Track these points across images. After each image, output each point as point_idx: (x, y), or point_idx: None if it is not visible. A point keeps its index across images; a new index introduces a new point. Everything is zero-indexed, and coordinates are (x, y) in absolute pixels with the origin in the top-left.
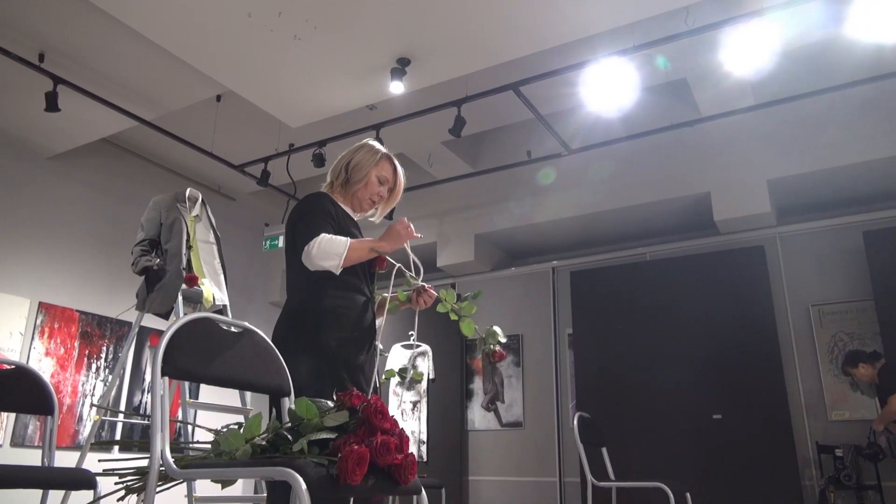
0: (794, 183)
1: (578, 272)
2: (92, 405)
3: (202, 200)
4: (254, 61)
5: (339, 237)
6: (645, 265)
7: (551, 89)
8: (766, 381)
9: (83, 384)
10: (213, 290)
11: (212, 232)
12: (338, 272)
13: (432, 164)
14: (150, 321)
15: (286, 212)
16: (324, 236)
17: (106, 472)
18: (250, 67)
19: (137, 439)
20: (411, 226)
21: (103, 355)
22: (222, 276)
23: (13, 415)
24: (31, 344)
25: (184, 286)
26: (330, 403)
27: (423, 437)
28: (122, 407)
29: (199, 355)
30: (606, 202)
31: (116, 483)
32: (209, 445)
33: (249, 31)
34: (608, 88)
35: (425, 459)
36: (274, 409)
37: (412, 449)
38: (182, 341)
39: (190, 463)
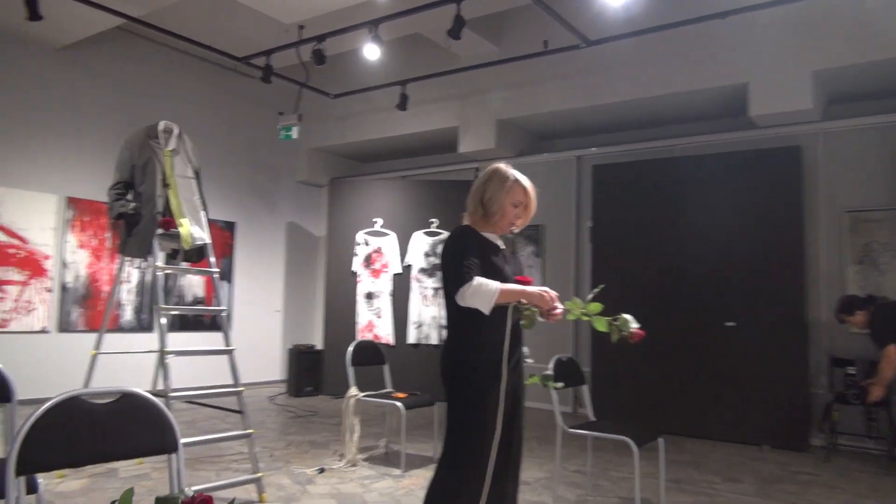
0: (841, 76)
1: (601, 165)
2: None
3: (178, 133)
4: None
5: (491, 283)
6: (672, 161)
7: None
8: (786, 289)
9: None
10: (193, 228)
11: (190, 166)
12: (487, 312)
13: (450, 44)
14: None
15: (298, 100)
16: (476, 281)
17: None
18: None
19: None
20: (557, 304)
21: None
22: (202, 213)
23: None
24: (63, 238)
25: (160, 230)
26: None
27: (444, 322)
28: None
29: (61, 443)
30: (635, 90)
31: None
32: None
33: None
34: None
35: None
36: None
37: (433, 333)
38: (40, 434)
39: None
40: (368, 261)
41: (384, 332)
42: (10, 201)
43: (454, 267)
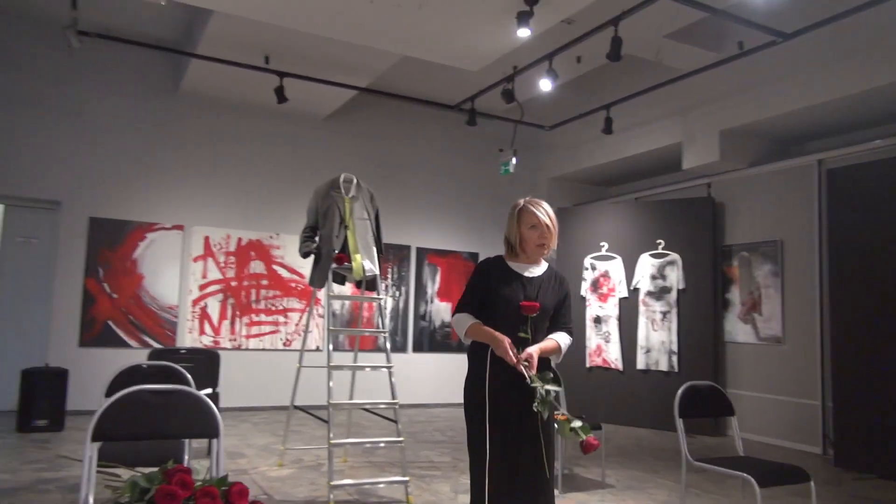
0: None
1: (838, 169)
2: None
3: (357, 182)
4: (416, 28)
5: (467, 320)
6: None
7: None
8: None
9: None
10: (365, 262)
11: (366, 210)
12: (466, 342)
13: (661, 59)
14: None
15: (513, 136)
16: (457, 316)
17: None
18: (416, 34)
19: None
20: (511, 354)
21: (390, 275)
22: (374, 249)
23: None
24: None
25: (334, 265)
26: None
27: (675, 347)
28: (411, 315)
29: (127, 421)
30: (879, 76)
31: None
32: None
33: (401, 10)
34: None
35: (676, 370)
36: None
37: (663, 358)
38: (113, 412)
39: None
40: (596, 285)
41: (612, 356)
42: (291, 245)
43: (462, 293)
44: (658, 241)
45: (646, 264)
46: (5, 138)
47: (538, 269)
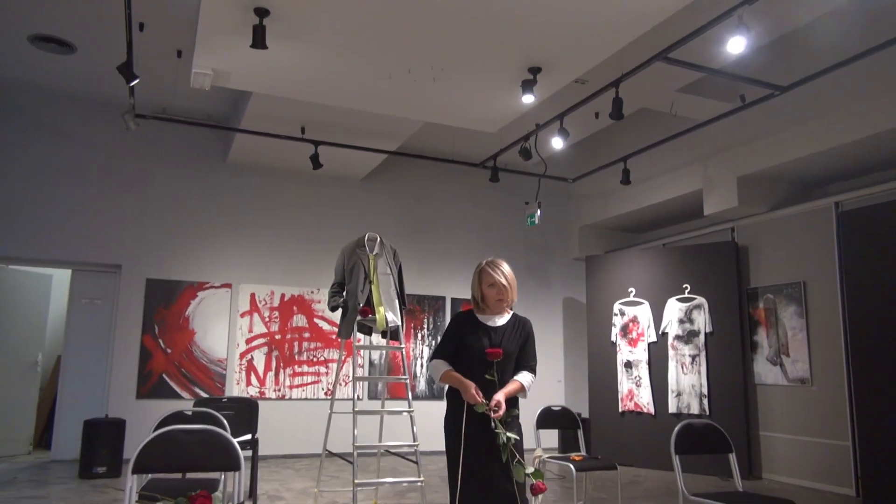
0: None
1: (851, 211)
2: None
3: (380, 240)
4: (433, 98)
5: (441, 366)
6: None
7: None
8: None
9: (412, 349)
10: (388, 314)
11: (388, 266)
12: (442, 386)
13: (675, 111)
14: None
15: (538, 191)
16: (433, 362)
17: None
18: (433, 103)
19: None
20: (477, 398)
21: (425, 325)
22: (397, 302)
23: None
24: None
25: (359, 317)
26: None
27: (705, 390)
28: None
29: (161, 455)
30: (887, 119)
31: None
32: None
33: (417, 84)
34: None
35: (707, 413)
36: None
37: (694, 402)
38: (149, 448)
39: None
40: (625, 330)
41: (644, 401)
42: None
43: (439, 341)
44: (684, 285)
45: (673, 308)
46: (74, 209)
47: (502, 319)
